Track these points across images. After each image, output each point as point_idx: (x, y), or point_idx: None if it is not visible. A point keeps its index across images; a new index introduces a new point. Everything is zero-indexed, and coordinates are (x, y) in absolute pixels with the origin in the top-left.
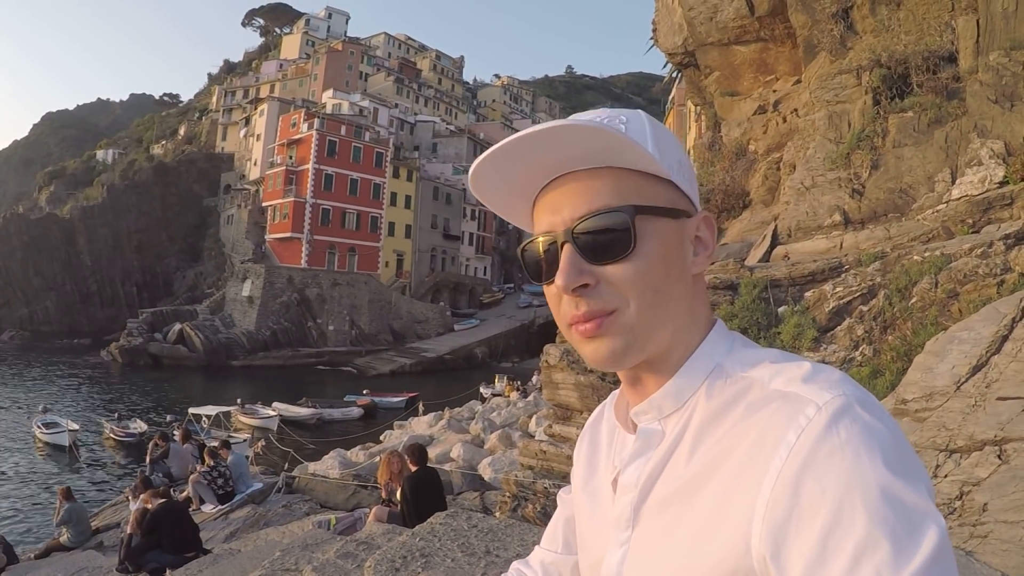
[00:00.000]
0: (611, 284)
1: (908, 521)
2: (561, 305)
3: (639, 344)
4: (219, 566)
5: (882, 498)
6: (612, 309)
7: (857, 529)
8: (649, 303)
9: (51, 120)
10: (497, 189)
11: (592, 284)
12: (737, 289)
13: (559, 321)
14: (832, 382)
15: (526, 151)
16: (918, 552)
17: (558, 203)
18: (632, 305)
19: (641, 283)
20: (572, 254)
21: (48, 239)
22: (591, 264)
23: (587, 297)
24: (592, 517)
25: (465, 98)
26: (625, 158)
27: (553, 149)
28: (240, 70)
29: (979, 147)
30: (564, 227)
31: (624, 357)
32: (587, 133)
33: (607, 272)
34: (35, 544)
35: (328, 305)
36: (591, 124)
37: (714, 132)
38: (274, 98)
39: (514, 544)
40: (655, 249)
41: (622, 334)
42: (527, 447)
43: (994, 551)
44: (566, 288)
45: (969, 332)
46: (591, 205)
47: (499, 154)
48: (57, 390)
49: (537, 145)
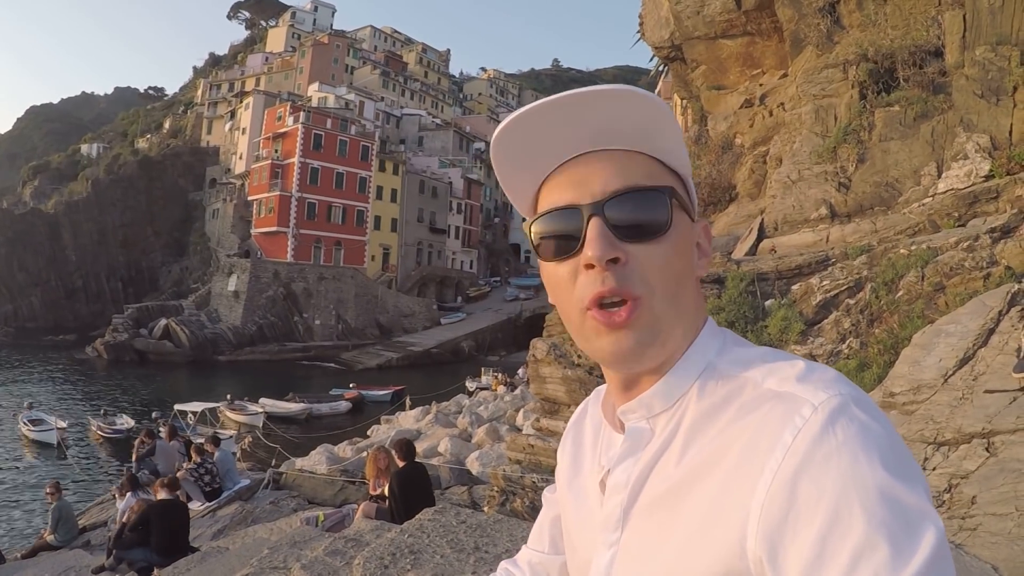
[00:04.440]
0: (640, 265)
1: (906, 522)
2: (577, 284)
3: (661, 340)
4: (207, 564)
5: (880, 499)
6: (638, 294)
7: (855, 531)
8: (673, 294)
9: (35, 114)
10: (519, 153)
11: (623, 260)
12: (724, 283)
13: (571, 305)
14: (827, 381)
15: (572, 113)
16: (916, 553)
17: (586, 177)
18: (657, 293)
19: (667, 270)
20: (602, 227)
21: (33, 234)
22: (620, 241)
23: (615, 273)
24: (579, 517)
25: (451, 91)
26: (660, 144)
27: (599, 115)
28: (225, 63)
29: (965, 141)
30: (592, 200)
31: (646, 352)
32: (644, 104)
33: (636, 251)
34: (22, 543)
35: (314, 299)
36: (651, 97)
37: (700, 126)
38: (259, 91)
39: (503, 540)
40: (679, 240)
41: (648, 327)
42: (515, 441)
43: (983, 543)
44: (600, 259)
45: (956, 325)
46: (627, 181)
47: (540, 111)
48: (42, 386)
49: (587, 108)
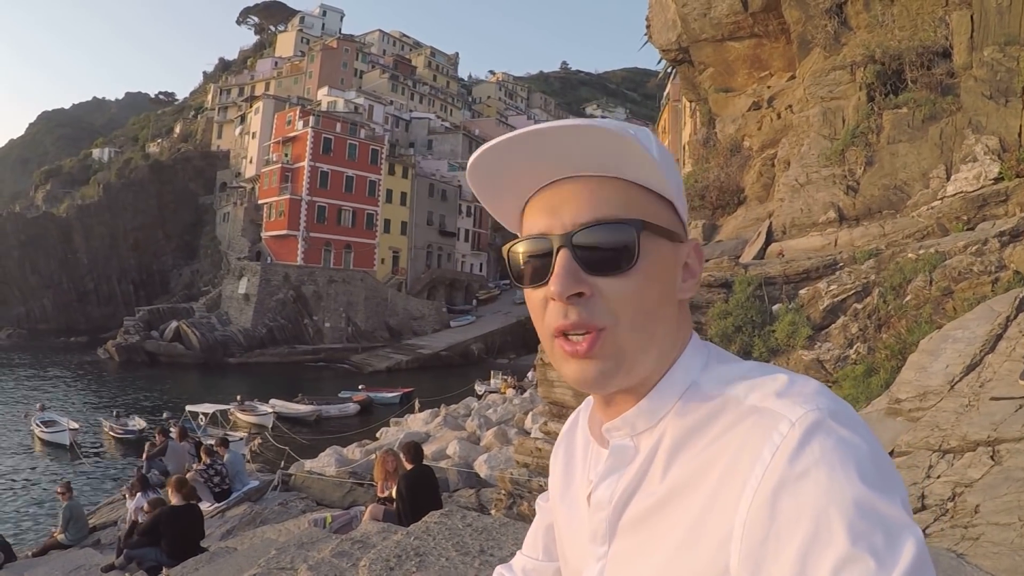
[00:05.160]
0: (605, 298)
1: (886, 534)
2: (546, 313)
3: (626, 368)
4: (215, 564)
5: (859, 512)
6: (602, 325)
7: (836, 545)
8: (640, 324)
9: (47, 119)
10: (493, 182)
11: (587, 294)
12: (731, 287)
13: (542, 331)
14: (806, 396)
15: (536, 147)
16: (897, 564)
17: (558, 205)
18: (622, 324)
19: (635, 301)
20: (569, 260)
21: (45, 238)
22: (587, 274)
23: (579, 307)
24: (570, 528)
25: (460, 95)
26: (635, 171)
27: (564, 148)
28: (235, 68)
29: (974, 143)
30: (563, 231)
31: (611, 380)
32: (606, 137)
33: (602, 285)
34: (33, 542)
35: (324, 302)
36: (613, 128)
37: (709, 128)
38: (269, 96)
39: (508, 543)
40: (652, 269)
41: (612, 356)
42: (522, 444)
43: (985, 553)
44: (561, 295)
45: (963, 331)
46: (596, 212)
47: (505, 146)
48: (54, 388)
49: (548, 142)
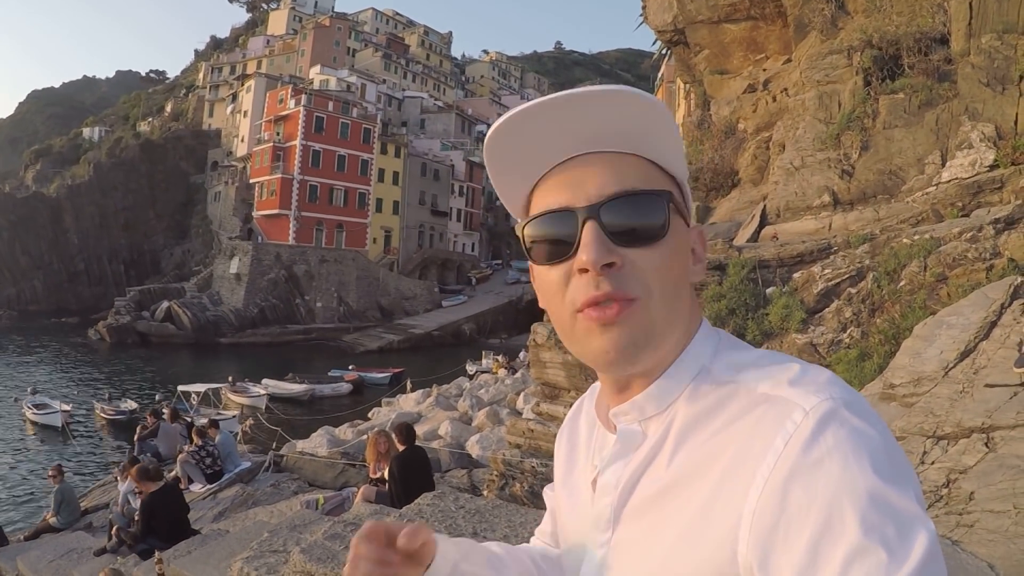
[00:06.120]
0: (637, 268)
1: (898, 526)
2: (569, 288)
3: (655, 342)
4: (207, 547)
5: (871, 504)
6: (635, 295)
7: (847, 536)
8: (671, 296)
9: (36, 98)
10: (510, 156)
11: (619, 264)
12: (725, 269)
13: (562, 308)
14: (819, 385)
15: (563, 115)
16: (909, 557)
17: (580, 179)
18: (655, 295)
19: (665, 273)
20: (597, 231)
21: (35, 218)
22: (616, 245)
23: (610, 278)
24: (572, 514)
25: (453, 74)
26: (656, 147)
27: (591, 118)
28: (227, 46)
29: (970, 130)
30: (588, 203)
31: (641, 352)
32: (634, 103)
33: (633, 256)
34: (24, 525)
35: (316, 282)
36: (646, 96)
37: (703, 110)
38: (261, 74)
39: (501, 525)
40: (677, 244)
41: (643, 328)
42: (515, 425)
43: (980, 541)
44: (596, 263)
45: (958, 317)
46: (623, 184)
47: (537, 109)
48: (46, 369)
49: (576, 108)
